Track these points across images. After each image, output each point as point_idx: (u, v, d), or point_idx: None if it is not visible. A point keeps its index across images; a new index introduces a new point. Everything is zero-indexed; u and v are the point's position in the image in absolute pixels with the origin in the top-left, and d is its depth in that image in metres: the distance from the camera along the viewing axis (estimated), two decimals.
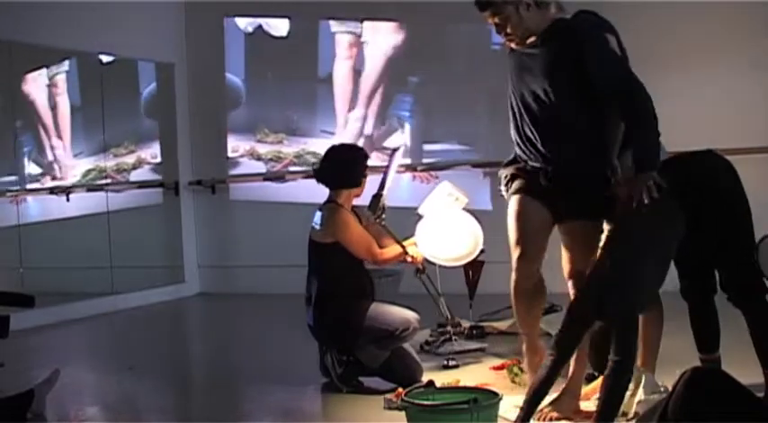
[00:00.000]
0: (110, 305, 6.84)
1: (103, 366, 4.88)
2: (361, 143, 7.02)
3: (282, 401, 3.79)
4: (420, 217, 3.97)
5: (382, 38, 7.28)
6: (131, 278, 7.22)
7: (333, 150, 4.05)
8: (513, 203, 3.16)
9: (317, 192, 4.04)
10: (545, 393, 2.83)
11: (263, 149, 7.73)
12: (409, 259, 3.89)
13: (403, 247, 3.87)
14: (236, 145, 7.83)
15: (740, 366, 2.96)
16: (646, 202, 2.79)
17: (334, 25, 7.45)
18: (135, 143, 7.73)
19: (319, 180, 3.97)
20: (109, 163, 7.59)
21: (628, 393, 2.98)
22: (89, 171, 7.47)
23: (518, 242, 3.09)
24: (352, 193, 3.92)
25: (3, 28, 6.12)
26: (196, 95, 7.80)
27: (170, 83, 7.69)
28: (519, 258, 3.09)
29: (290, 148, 7.68)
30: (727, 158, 3.11)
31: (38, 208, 7.32)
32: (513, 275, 3.14)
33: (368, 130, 7.34)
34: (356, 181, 3.91)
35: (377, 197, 3.85)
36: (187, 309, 7.35)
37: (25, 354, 5.21)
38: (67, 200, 7.24)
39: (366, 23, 7.33)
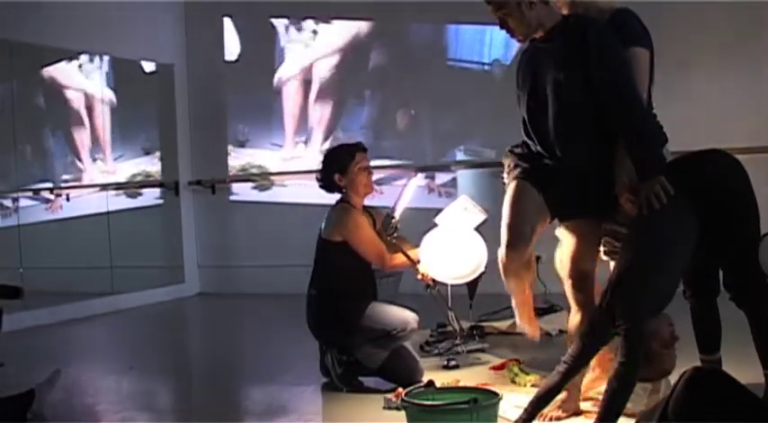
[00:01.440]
0: (110, 305, 6.84)
1: (103, 366, 4.88)
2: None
3: (282, 401, 3.79)
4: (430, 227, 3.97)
5: (333, 51, 7.31)
6: (131, 278, 7.23)
7: (324, 154, 4.06)
8: (510, 188, 3.12)
9: (317, 192, 4.04)
10: (550, 400, 2.83)
11: None
12: (419, 276, 3.87)
13: (414, 264, 3.85)
14: None
15: (740, 366, 2.97)
16: (656, 207, 2.79)
17: (284, 39, 7.49)
18: None
19: (320, 186, 4.00)
20: (154, 167, 7.67)
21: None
22: (134, 175, 7.56)
23: (509, 229, 3.04)
24: (360, 193, 3.91)
25: (2, 28, 6.13)
26: (196, 96, 7.80)
27: (170, 83, 7.69)
28: (507, 246, 3.04)
29: (236, 160, 7.74)
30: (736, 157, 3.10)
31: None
32: (501, 255, 3.07)
33: (315, 143, 7.37)
34: (330, 184, 3.90)
35: (389, 218, 3.81)
36: (187, 309, 7.35)
37: (25, 354, 5.21)
38: (67, 200, 7.24)
39: (319, 35, 7.37)
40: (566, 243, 3.15)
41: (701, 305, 3.21)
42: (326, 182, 3.94)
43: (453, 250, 3.90)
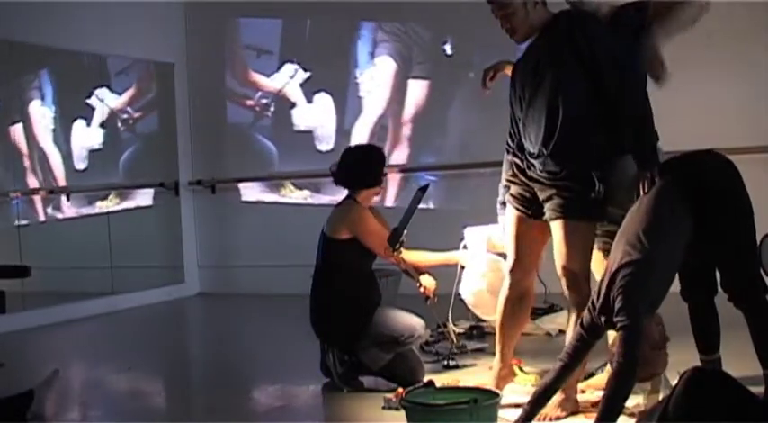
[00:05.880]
0: (110, 305, 6.84)
1: (103, 366, 4.88)
2: None
3: (282, 401, 3.79)
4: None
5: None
6: (131, 278, 7.22)
7: (349, 152, 4.05)
8: (510, 218, 3.28)
9: (317, 193, 4.04)
10: (549, 397, 2.83)
11: None
12: (422, 290, 3.87)
13: (417, 279, 3.86)
14: None
15: (740, 366, 2.97)
16: (636, 198, 2.85)
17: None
18: None
19: (338, 182, 3.98)
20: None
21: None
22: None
23: (514, 256, 3.29)
24: (371, 193, 3.92)
25: (2, 28, 6.13)
26: (196, 95, 7.80)
27: (170, 83, 7.69)
28: (510, 271, 3.32)
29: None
30: (729, 158, 3.10)
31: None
32: (505, 283, 3.34)
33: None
34: (374, 180, 3.91)
35: (397, 231, 3.75)
36: (187, 309, 7.35)
37: (25, 354, 5.21)
38: (67, 199, 7.24)
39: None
40: (555, 242, 3.14)
41: (699, 305, 3.21)
42: (376, 177, 3.91)
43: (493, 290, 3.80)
